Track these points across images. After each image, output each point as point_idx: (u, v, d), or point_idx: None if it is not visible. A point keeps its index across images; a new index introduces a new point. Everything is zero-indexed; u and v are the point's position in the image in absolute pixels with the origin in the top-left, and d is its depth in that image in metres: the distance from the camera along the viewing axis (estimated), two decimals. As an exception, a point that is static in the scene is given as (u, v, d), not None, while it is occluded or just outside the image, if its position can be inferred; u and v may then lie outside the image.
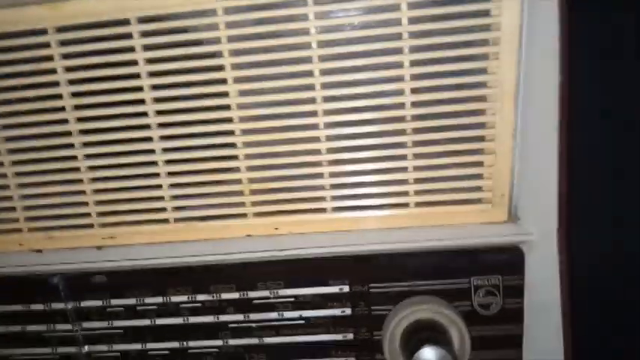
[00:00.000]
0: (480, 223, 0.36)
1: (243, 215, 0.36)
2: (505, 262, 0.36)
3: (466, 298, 0.36)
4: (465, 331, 0.35)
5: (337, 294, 0.37)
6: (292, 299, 0.37)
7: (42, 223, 0.37)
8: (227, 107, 0.34)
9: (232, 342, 0.38)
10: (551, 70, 0.32)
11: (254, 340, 0.38)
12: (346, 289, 0.37)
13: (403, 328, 0.35)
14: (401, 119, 0.34)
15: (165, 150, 0.35)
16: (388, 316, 0.36)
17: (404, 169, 0.35)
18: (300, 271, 0.37)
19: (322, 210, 0.36)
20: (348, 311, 0.37)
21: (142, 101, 0.34)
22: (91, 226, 0.37)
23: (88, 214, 0.37)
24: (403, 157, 0.35)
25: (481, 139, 0.34)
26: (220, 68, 0.34)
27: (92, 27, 0.33)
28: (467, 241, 0.36)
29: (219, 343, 0.38)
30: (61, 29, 0.34)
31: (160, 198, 0.36)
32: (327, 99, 0.34)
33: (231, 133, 0.35)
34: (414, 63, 0.33)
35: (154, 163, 0.35)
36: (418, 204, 0.36)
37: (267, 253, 0.37)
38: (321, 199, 0.36)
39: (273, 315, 0.37)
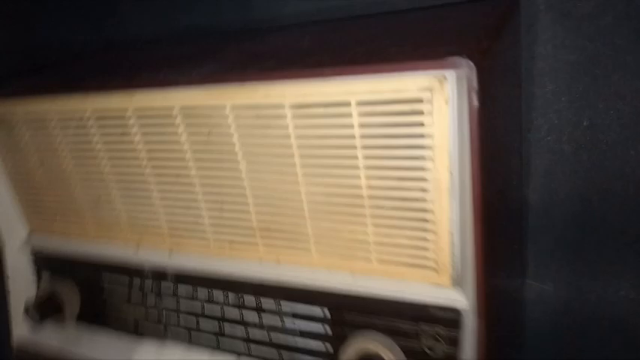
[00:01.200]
0: (430, 284, 0.43)
1: (256, 245, 0.49)
2: (447, 318, 0.43)
3: (417, 338, 0.45)
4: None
5: (321, 316, 0.48)
6: (290, 311, 0.49)
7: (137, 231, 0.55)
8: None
9: (252, 331, 0.52)
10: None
11: (263, 333, 0.51)
12: (327, 313, 0.48)
13: (355, 351, 0.45)
14: (360, 197, 0.42)
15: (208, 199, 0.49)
16: (349, 339, 0.46)
17: (366, 234, 0.43)
18: (295, 294, 0.48)
19: (309, 251, 0.47)
20: (328, 328, 0.48)
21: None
22: (163, 237, 0.53)
23: (162, 230, 0.53)
24: (365, 225, 0.43)
25: (425, 220, 0.41)
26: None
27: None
28: (418, 297, 0.43)
29: (241, 328, 0.52)
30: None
31: (203, 230, 0.51)
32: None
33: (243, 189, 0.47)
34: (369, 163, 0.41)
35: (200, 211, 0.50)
36: (380, 261, 0.44)
37: (273, 277, 0.49)
38: (307, 243, 0.46)
39: (277, 318, 0.50)
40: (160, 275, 0.55)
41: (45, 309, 0.59)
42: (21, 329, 0.63)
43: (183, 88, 0.45)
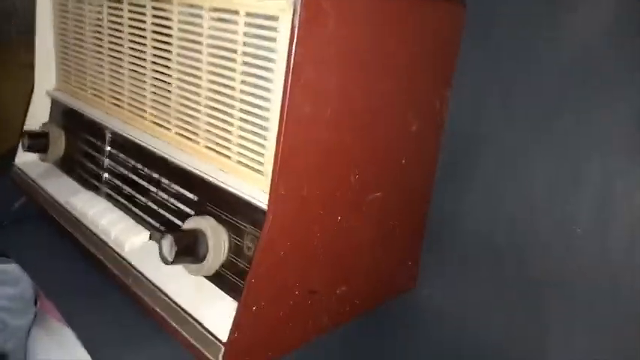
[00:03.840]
0: (263, 191, 0.49)
1: (170, 130, 0.59)
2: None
3: (243, 237, 0.51)
4: (219, 251, 0.51)
5: (192, 199, 0.56)
6: (175, 191, 0.59)
7: (112, 100, 0.68)
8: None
9: (146, 201, 0.62)
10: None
11: (153, 205, 0.61)
12: (196, 197, 0.56)
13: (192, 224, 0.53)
14: (234, 98, 0.50)
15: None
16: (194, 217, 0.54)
17: (231, 134, 0.51)
18: (183, 178, 0.58)
19: (198, 143, 0.56)
20: (191, 209, 0.56)
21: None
22: (123, 109, 0.66)
23: (124, 103, 0.66)
24: (233, 125, 0.51)
25: (264, 128, 0.48)
26: (172, 38, 0.56)
27: None
28: (254, 200, 0.50)
29: (142, 198, 0.63)
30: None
31: (145, 110, 0.62)
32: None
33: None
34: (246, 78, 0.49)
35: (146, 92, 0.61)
36: (239, 162, 0.52)
37: (176, 160, 0.59)
38: (198, 135, 0.55)
39: (165, 195, 0.60)
40: (113, 140, 0.67)
41: (34, 143, 0.75)
42: (20, 153, 0.79)
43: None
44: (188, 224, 0.53)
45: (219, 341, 0.48)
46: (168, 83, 0.58)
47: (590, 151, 0.56)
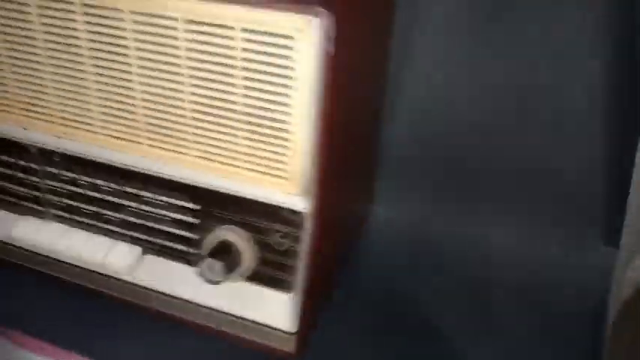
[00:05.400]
0: (284, 192, 0.52)
1: (140, 144, 0.55)
2: (294, 220, 0.52)
3: (269, 235, 0.54)
4: (252, 255, 0.54)
5: (192, 209, 0.56)
6: (166, 202, 0.57)
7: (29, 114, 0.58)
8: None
9: (128, 218, 0.59)
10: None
11: (138, 221, 0.59)
12: (199, 207, 0.56)
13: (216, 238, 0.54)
14: (235, 111, 0.49)
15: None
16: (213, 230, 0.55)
17: (238, 145, 0.51)
18: (173, 189, 0.56)
19: (188, 155, 0.54)
20: (197, 220, 0.56)
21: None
22: (54, 123, 0.57)
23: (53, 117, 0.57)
24: (237, 137, 0.51)
25: (286, 139, 0.49)
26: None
27: None
28: (274, 201, 0.52)
29: (119, 215, 0.59)
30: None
31: (92, 123, 0.55)
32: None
33: (132, 91, 0.52)
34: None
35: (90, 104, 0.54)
36: (247, 169, 0.52)
37: (154, 172, 0.56)
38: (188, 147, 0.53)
39: (153, 209, 0.57)
40: (46, 156, 0.60)
41: None
42: None
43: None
44: (211, 239, 0.54)
45: (289, 333, 0.53)
46: (130, 96, 0.53)
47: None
